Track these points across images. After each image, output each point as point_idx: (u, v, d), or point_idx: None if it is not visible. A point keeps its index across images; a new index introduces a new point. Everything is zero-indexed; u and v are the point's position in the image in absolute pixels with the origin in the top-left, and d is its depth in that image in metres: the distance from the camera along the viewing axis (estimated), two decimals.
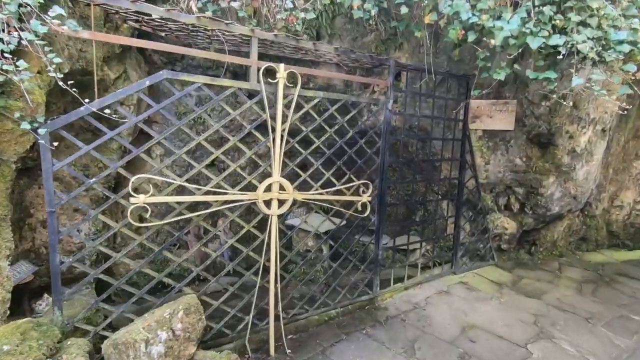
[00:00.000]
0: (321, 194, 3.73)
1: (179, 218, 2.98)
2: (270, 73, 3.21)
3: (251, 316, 3.39)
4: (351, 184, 3.92)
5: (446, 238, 5.69)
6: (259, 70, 3.19)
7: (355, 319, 4.08)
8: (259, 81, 3.20)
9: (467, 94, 5.05)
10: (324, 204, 3.92)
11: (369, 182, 4.01)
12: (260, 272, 3.40)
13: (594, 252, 6.38)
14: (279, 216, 3.36)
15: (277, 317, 3.43)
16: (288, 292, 3.89)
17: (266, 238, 3.36)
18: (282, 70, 3.24)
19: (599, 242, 6.46)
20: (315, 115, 3.68)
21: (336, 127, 3.81)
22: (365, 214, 4.02)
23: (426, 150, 5.92)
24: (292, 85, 3.32)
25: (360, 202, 3.98)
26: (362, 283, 4.37)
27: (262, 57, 3.44)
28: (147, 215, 2.80)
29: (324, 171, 3.85)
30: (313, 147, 3.70)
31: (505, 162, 5.41)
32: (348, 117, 3.86)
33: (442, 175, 5.45)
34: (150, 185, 2.84)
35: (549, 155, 5.15)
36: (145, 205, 2.74)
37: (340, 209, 3.90)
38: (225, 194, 3.14)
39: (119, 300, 4.35)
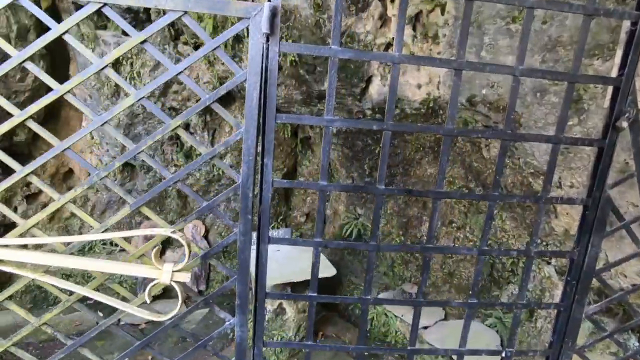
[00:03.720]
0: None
1: None
2: None
3: None
4: (115, 235, 1.48)
5: None
6: None
7: None
8: None
9: None
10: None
11: (177, 231, 1.46)
12: None
13: None
14: None
15: None
16: None
17: None
18: None
19: None
20: None
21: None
22: (167, 317, 1.52)
23: (517, 160, 2.49)
24: None
25: (152, 286, 1.49)
26: None
27: None
28: None
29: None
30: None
31: None
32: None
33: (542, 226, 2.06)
34: None
35: None
36: None
37: None
38: None
39: None
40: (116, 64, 3.56)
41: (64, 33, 1.38)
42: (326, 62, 2.48)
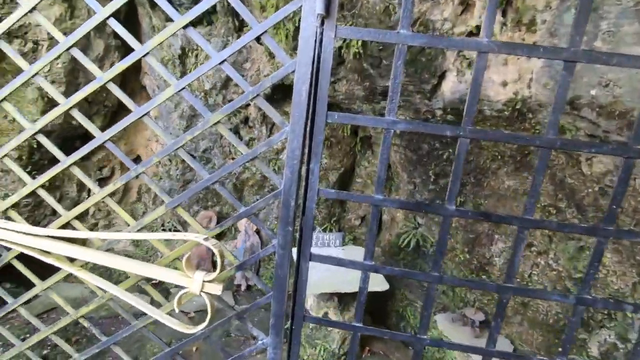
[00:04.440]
0: None
1: None
2: None
3: None
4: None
5: None
6: None
7: None
8: None
9: None
10: None
11: (210, 238, 1.30)
12: None
13: None
14: None
15: None
16: None
17: None
18: None
19: None
20: None
21: None
22: (195, 330, 1.39)
23: (631, 181, 1.96)
24: None
25: (182, 294, 1.37)
26: None
27: None
28: None
29: None
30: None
31: None
32: None
33: None
34: None
35: None
36: None
37: None
38: None
39: None
40: (182, 56, 3.61)
41: (107, 18, 1.30)
42: (394, 55, 2.20)
